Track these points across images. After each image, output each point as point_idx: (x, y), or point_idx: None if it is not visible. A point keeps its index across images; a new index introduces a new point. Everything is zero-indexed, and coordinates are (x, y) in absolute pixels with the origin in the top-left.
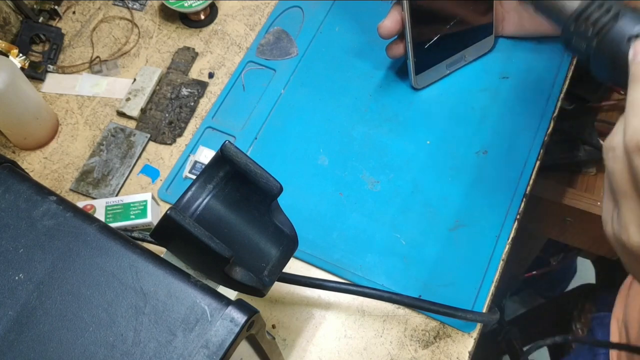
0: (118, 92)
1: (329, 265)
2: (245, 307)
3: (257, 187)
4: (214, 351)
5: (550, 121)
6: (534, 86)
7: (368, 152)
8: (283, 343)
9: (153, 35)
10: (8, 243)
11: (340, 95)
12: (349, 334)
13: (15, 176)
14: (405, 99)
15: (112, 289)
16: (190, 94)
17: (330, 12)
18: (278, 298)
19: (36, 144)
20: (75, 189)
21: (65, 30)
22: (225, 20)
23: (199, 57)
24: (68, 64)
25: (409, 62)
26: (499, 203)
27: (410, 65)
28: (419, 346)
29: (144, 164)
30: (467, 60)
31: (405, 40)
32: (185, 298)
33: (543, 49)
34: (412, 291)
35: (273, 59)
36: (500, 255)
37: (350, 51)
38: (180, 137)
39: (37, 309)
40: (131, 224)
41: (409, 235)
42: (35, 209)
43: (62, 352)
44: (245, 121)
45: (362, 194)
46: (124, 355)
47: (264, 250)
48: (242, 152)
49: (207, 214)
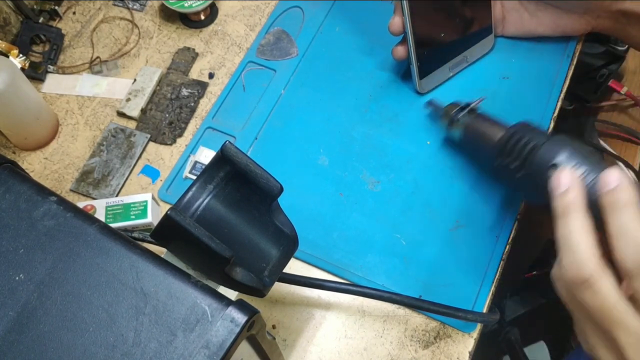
0: (118, 92)
1: (329, 266)
2: (246, 308)
3: (258, 187)
4: (214, 351)
5: (550, 121)
6: (534, 86)
7: (368, 152)
8: (283, 343)
9: (153, 36)
10: (8, 243)
11: (341, 95)
12: (349, 334)
13: (16, 176)
14: (406, 99)
15: (112, 290)
16: (190, 95)
17: (330, 12)
18: (278, 298)
19: (36, 145)
20: (75, 190)
21: (65, 30)
22: (226, 21)
23: (199, 57)
24: (68, 65)
25: (413, 67)
26: (499, 203)
27: (414, 70)
28: (419, 346)
29: (144, 164)
30: (468, 61)
31: (408, 44)
32: (186, 298)
33: (543, 49)
34: (412, 291)
35: (273, 59)
36: (500, 255)
37: (351, 51)
38: (180, 137)
39: (37, 309)
40: (131, 224)
41: (409, 235)
42: (36, 210)
43: (63, 353)
44: (245, 121)
45: (363, 194)
46: (125, 355)
47: (265, 250)
48: (242, 152)
49: (208, 214)
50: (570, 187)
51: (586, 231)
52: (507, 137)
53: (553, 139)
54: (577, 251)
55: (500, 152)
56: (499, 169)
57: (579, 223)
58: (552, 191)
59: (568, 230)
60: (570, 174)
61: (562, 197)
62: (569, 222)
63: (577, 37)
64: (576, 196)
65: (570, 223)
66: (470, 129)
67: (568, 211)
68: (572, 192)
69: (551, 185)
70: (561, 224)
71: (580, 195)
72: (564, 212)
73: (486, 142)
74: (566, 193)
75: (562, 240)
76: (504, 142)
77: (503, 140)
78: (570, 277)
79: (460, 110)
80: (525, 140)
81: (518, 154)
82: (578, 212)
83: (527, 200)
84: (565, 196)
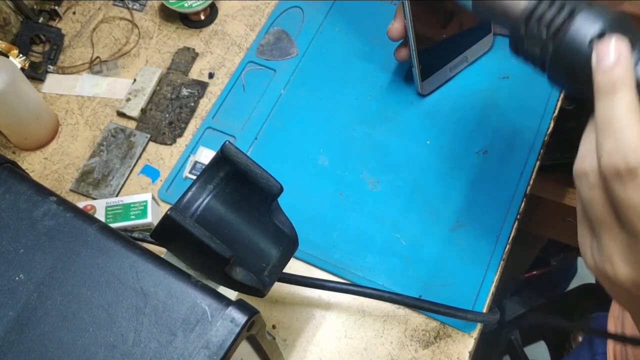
0: (118, 92)
1: (329, 266)
2: (246, 308)
3: (258, 188)
4: (214, 351)
5: (550, 121)
6: (534, 86)
7: (368, 152)
8: (283, 343)
9: (153, 36)
10: (8, 243)
11: (340, 95)
12: (350, 334)
13: (16, 177)
14: (406, 99)
15: (112, 290)
16: (190, 95)
17: (330, 13)
18: (278, 298)
19: (36, 145)
20: (75, 190)
21: (65, 30)
22: (225, 21)
23: (199, 57)
24: (68, 65)
25: (414, 69)
26: (499, 203)
27: (415, 72)
28: (419, 346)
29: (144, 164)
30: (469, 61)
31: (410, 47)
32: (186, 298)
33: None
34: (412, 291)
35: (273, 59)
36: (500, 255)
37: (351, 51)
38: (180, 137)
39: (37, 309)
40: (131, 224)
41: (409, 235)
42: (36, 210)
43: (63, 353)
44: (245, 121)
45: (363, 194)
46: (125, 355)
47: (265, 250)
48: (242, 152)
49: (208, 214)
50: (619, 59)
51: (636, 114)
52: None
53: (596, 6)
54: (624, 136)
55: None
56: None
57: (628, 103)
58: (596, 65)
59: (613, 112)
60: (620, 43)
61: (608, 70)
62: (616, 101)
63: None
64: (626, 71)
65: (617, 103)
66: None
67: (615, 89)
68: (621, 66)
69: (595, 58)
70: (604, 105)
71: (631, 70)
72: (609, 89)
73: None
74: (614, 66)
75: (605, 122)
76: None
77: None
78: (611, 166)
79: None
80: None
81: (550, 20)
82: (627, 91)
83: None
84: (613, 70)
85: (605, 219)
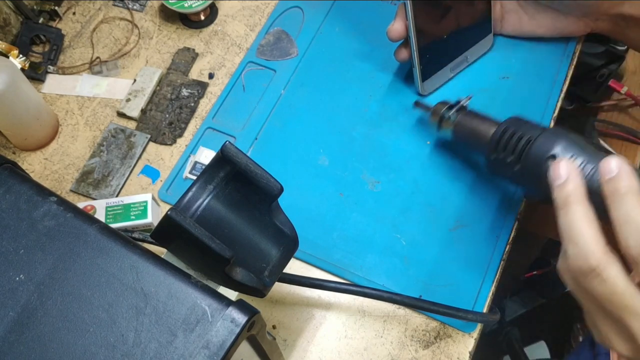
0: (118, 92)
1: (330, 266)
2: (246, 308)
3: (258, 188)
4: (214, 352)
5: (550, 121)
6: (534, 86)
7: (368, 153)
8: (284, 343)
9: (153, 36)
10: (9, 244)
11: (341, 95)
12: (350, 334)
13: (16, 177)
14: (406, 99)
15: (112, 290)
16: (190, 95)
17: (330, 13)
18: (278, 298)
19: (36, 145)
20: (75, 190)
21: (65, 31)
22: (225, 21)
23: (199, 57)
24: (68, 65)
25: (415, 70)
26: (499, 203)
27: (416, 73)
28: (419, 346)
29: (144, 164)
30: (469, 61)
31: (411, 47)
32: (186, 298)
33: (543, 49)
34: (412, 291)
35: (273, 59)
36: (500, 256)
37: (351, 51)
38: (180, 137)
39: (37, 309)
40: (131, 224)
41: (409, 235)
42: (36, 210)
43: (63, 353)
44: (245, 122)
45: (363, 194)
46: (125, 356)
47: (265, 250)
48: (242, 152)
49: (208, 215)
50: (569, 178)
51: (589, 220)
52: (500, 132)
53: (548, 131)
54: (581, 241)
55: (494, 148)
56: (495, 164)
57: (581, 213)
58: (551, 183)
59: (570, 221)
60: (568, 164)
61: (561, 188)
62: (571, 212)
63: (577, 37)
64: (576, 186)
65: (572, 214)
66: (461, 127)
67: (569, 202)
68: (572, 183)
69: (550, 177)
70: (563, 215)
71: (580, 185)
72: (564, 203)
73: (479, 139)
74: (565, 184)
75: (565, 231)
76: (497, 137)
77: (496, 135)
78: (576, 268)
79: (450, 108)
80: (519, 134)
81: (513, 148)
82: (579, 203)
83: (527, 195)
84: (564, 187)
85: (590, 306)
